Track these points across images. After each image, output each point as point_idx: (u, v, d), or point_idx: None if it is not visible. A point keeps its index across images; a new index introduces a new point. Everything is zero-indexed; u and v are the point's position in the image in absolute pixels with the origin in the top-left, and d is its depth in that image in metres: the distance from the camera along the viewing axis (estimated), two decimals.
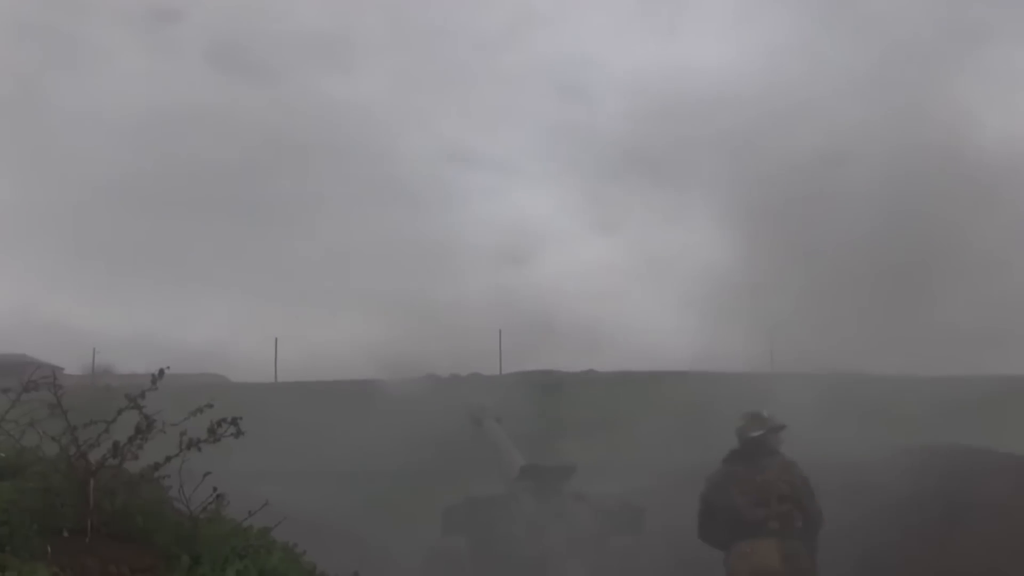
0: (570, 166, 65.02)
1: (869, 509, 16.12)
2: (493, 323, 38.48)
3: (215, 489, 5.99)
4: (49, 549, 5.30)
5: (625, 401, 25.72)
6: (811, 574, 8.70)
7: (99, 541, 5.60)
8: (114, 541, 5.66)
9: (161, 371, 6.17)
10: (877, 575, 14.46)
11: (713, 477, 9.52)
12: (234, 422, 6.15)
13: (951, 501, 16.13)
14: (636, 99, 61.55)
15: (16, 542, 5.14)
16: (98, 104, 61.51)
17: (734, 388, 27.86)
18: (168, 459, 6.06)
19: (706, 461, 20.21)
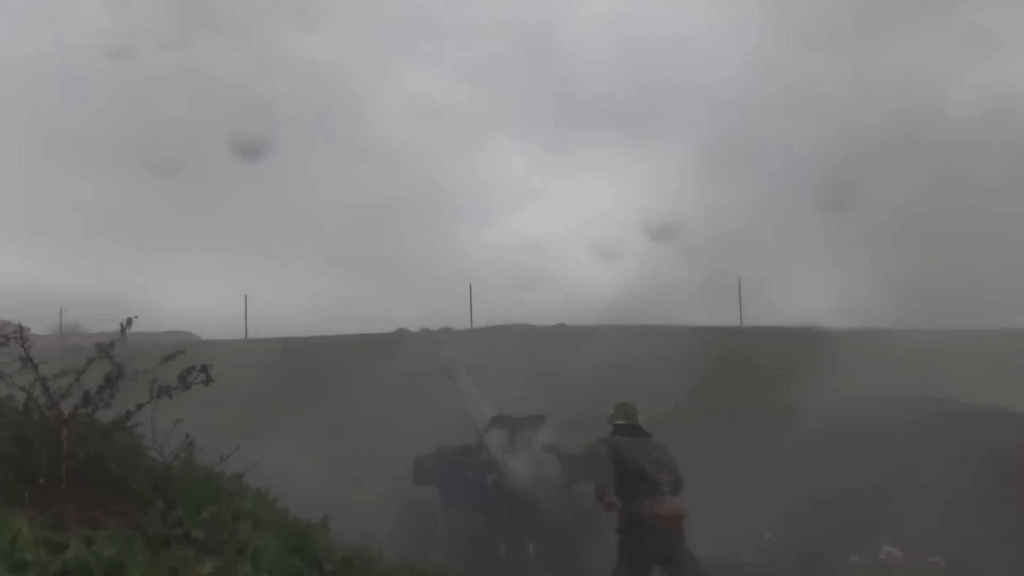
0: (541, 118, 64.91)
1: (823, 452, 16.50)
2: (464, 278, 38.58)
3: (187, 436, 6.10)
4: (26, 495, 5.40)
5: (596, 354, 25.88)
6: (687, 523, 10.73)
7: (74, 488, 5.69)
8: (89, 487, 5.76)
9: (129, 320, 6.23)
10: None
11: (616, 443, 11.00)
12: (204, 370, 6.26)
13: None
14: (608, 50, 61.51)
15: None
16: (62, 60, 60.70)
17: (706, 342, 28.18)
18: (140, 407, 6.16)
19: (680, 412, 20.62)
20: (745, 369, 23.55)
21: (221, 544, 5.51)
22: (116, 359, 6.18)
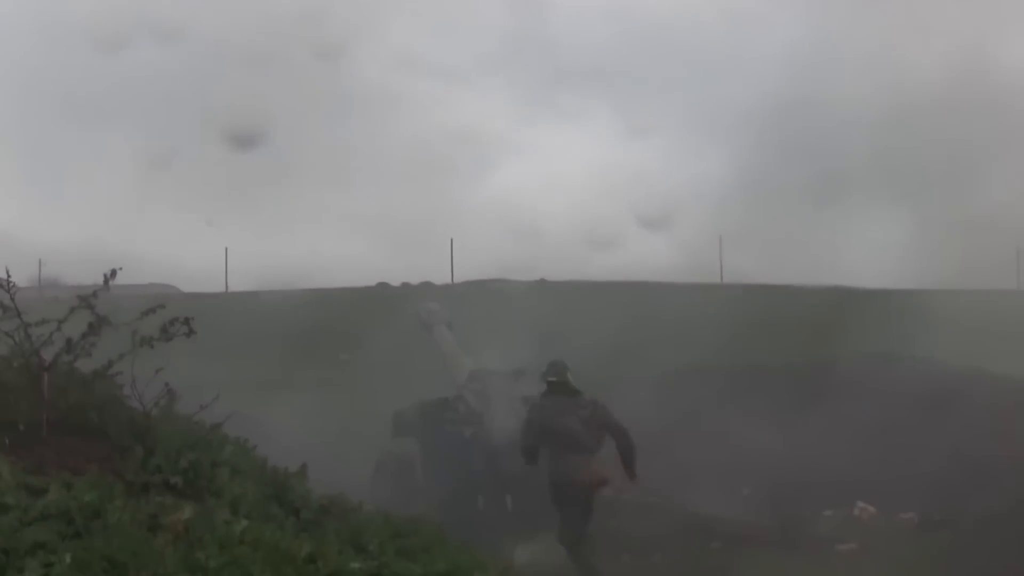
0: (522, 73, 64.64)
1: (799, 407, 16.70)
2: (445, 233, 38.60)
3: (167, 384, 6.15)
4: (7, 442, 5.46)
5: (576, 310, 25.98)
6: (614, 476, 11.52)
7: (55, 435, 5.75)
8: (70, 435, 5.82)
9: (113, 272, 6.26)
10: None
11: (543, 405, 11.68)
12: (186, 322, 6.30)
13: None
14: (589, 3, 61.20)
15: None
16: (40, 9, 60.05)
17: (684, 298, 28.30)
18: (121, 356, 6.21)
19: (655, 369, 20.76)
20: (729, 327, 23.64)
21: (200, 491, 5.59)
22: (97, 310, 6.22)
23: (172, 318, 6.15)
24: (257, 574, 4.31)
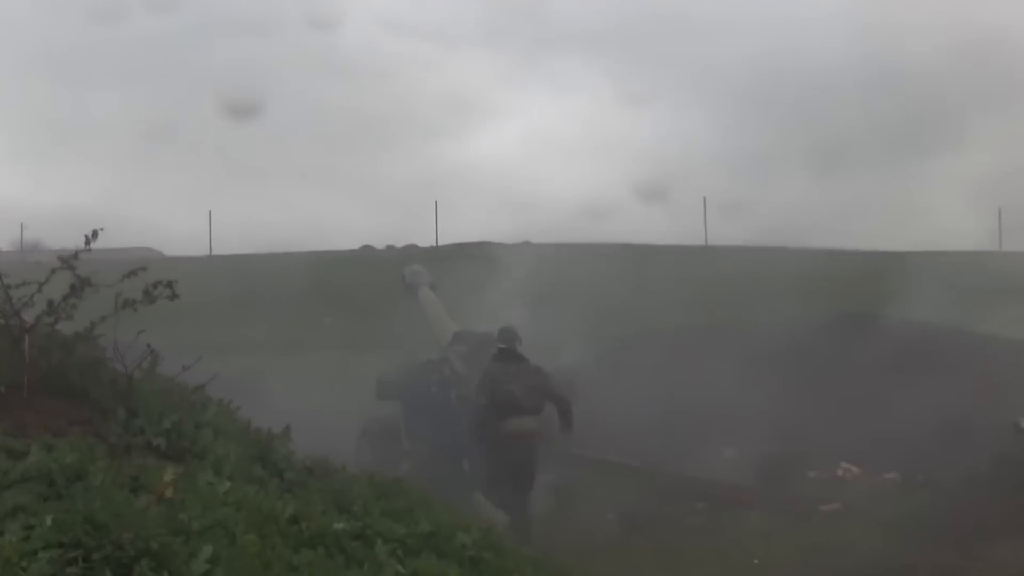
0: (508, 36, 64.29)
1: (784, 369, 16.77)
2: (430, 195, 38.51)
3: (149, 346, 6.10)
4: None
5: (562, 273, 25.96)
6: (551, 437, 12.39)
7: (36, 397, 5.70)
8: (51, 397, 5.78)
9: (95, 232, 6.19)
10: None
11: (492, 372, 12.49)
12: (169, 285, 6.24)
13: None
14: None
15: None
16: None
17: (669, 261, 28.35)
18: (103, 318, 6.16)
19: (640, 332, 20.81)
20: (715, 287, 23.66)
21: (182, 452, 5.56)
22: (79, 272, 6.16)
23: (155, 281, 6.09)
24: (240, 535, 4.29)
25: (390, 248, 33.75)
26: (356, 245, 34.95)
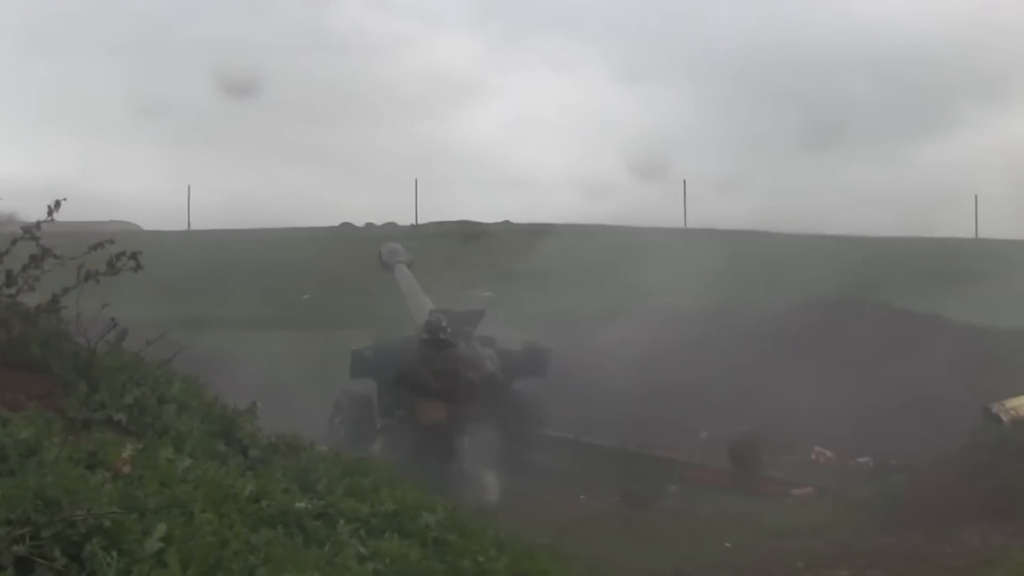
0: (491, 14, 64.01)
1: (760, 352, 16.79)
2: (410, 173, 38.37)
3: (113, 319, 6.01)
4: None
5: (541, 252, 25.92)
6: (461, 419, 13.25)
7: None
8: (11, 369, 5.68)
9: (57, 203, 6.10)
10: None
11: (414, 358, 13.74)
12: (133, 256, 6.15)
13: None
14: None
15: None
16: None
17: (647, 242, 28.28)
18: (66, 291, 6.07)
19: (618, 310, 20.75)
20: (694, 270, 23.65)
21: (144, 428, 5.48)
22: (44, 243, 6.06)
23: (119, 252, 6.00)
24: (198, 513, 4.21)
25: (370, 226, 33.60)
26: (337, 222, 34.80)
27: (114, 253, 6.00)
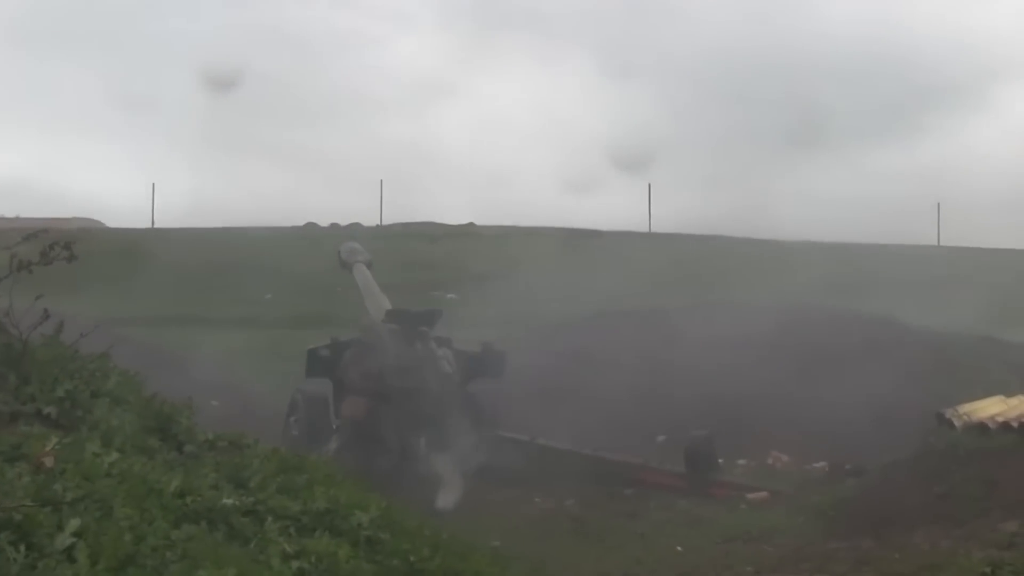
0: (461, 15, 63.96)
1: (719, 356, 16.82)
2: (376, 174, 38.21)
3: (45, 311, 5.91)
4: None
5: (503, 255, 25.89)
6: (375, 415, 13.82)
7: None
8: None
9: None
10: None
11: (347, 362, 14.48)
12: (67, 246, 6.06)
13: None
14: None
15: None
16: None
17: (612, 246, 28.34)
18: None
19: (574, 314, 20.76)
20: (656, 274, 23.67)
21: (75, 421, 5.39)
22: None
23: (52, 242, 5.90)
24: (118, 508, 4.13)
25: (334, 226, 33.46)
26: (302, 222, 34.65)
27: (47, 243, 5.90)
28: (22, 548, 3.53)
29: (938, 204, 36.46)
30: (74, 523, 3.78)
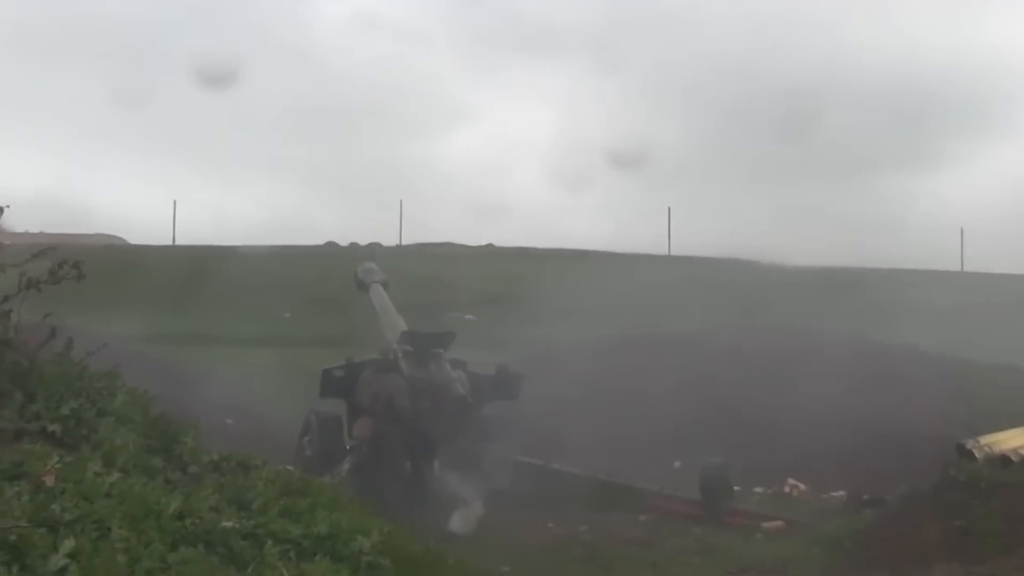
0: (479, 35, 64.16)
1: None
2: (395, 194, 38.35)
3: (53, 329, 5.90)
4: None
5: (522, 276, 25.87)
6: (386, 436, 13.81)
7: None
8: None
9: (0, 210, 6.02)
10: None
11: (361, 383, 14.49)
12: (75, 266, 6.05)
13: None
14: None
15: None
16: None
17: (631, 268, 28.27)
18: (7, 298, 5.95)
19: (595, 336, 20.67)
20: (670, 296, 23.60)
21: (79, 440, 5.36)
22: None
23: (60, 261, 5.89)
24: (115, 529, 4.09)
25: (354, 245, 33.56)
26: (322, 241, 34.81)
27: (56, 262, 5.89)
28: (15, 569, 3.49)
29: (961, 229, 36.27)
30: (68, 544, 3.74)
